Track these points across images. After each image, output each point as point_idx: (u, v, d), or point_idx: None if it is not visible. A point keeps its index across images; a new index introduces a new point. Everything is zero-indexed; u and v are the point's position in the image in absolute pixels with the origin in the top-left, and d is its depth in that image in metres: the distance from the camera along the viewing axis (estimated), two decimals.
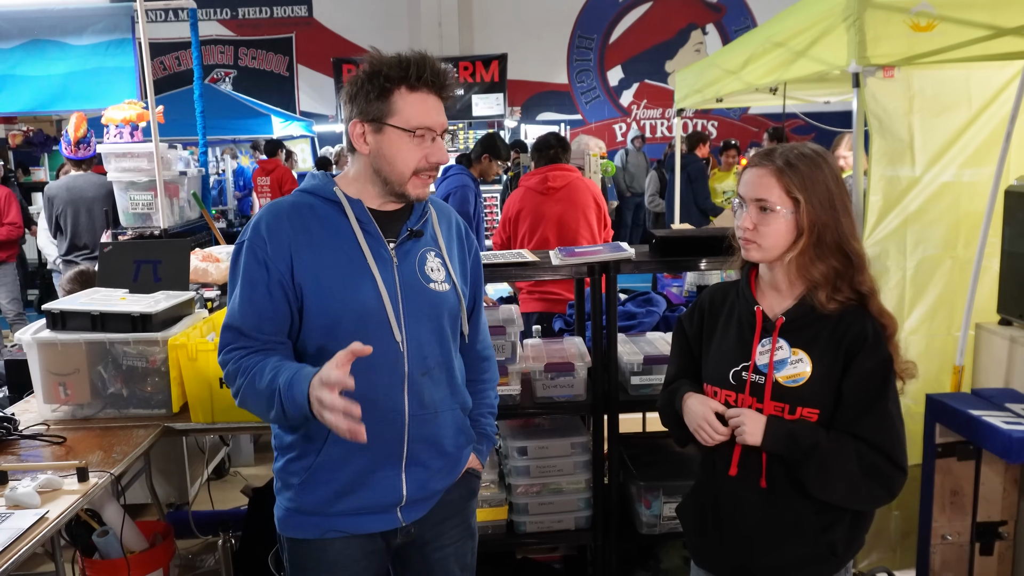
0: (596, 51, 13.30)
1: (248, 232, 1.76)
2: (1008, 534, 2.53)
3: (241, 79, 13.37)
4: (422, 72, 1.69)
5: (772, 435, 1.70)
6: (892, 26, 2.68)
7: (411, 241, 1.80)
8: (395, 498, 1.80)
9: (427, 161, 1.74)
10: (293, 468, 1.80)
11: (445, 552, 1.93)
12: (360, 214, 1.76)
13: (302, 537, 1.82)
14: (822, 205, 1.68)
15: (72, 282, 3.47)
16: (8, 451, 2.38)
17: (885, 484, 1.69)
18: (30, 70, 5.35)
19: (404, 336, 1.75)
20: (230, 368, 1.73)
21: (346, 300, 1.71)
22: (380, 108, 1.70)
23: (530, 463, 2.77)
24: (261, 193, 9.39)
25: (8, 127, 9.98)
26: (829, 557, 1.76)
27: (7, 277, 6.63)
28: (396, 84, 1.69)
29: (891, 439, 1.68)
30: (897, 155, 2.93)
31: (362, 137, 1.73)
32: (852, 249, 1.70)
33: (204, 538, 3.55)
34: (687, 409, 1.84)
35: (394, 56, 1.71)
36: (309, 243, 1.72)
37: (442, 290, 1.82)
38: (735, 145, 9.02)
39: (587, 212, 4.36)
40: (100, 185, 5.34)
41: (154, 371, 2.62)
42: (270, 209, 1.78)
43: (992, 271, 2.95)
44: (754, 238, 1.73)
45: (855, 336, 1.69)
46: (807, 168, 1.69)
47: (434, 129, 1.73)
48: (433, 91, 1.72)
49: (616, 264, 2.67)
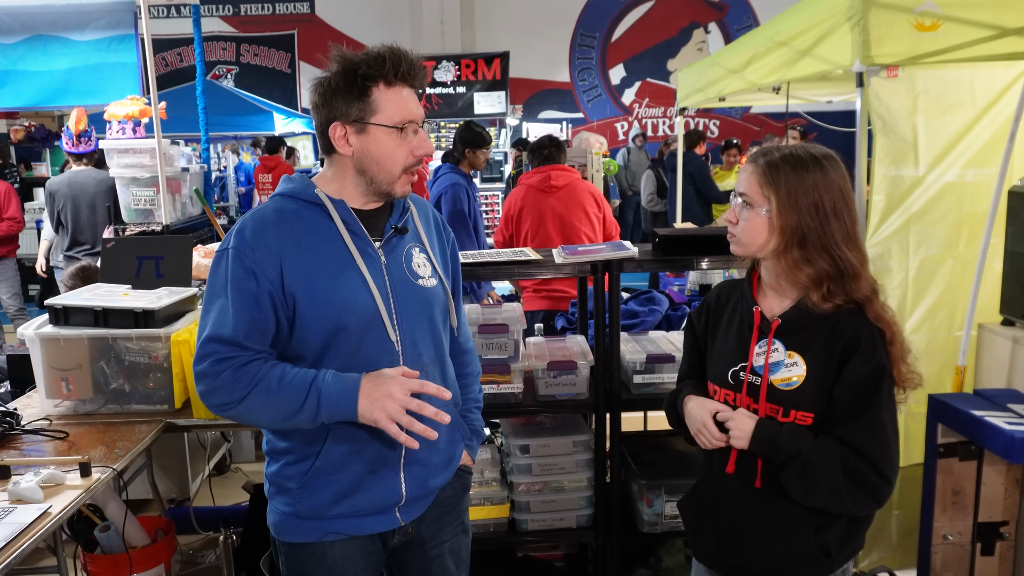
0: (598, 49, 13.29)
1: (232, 240, 1.70)
2: (1009, 534, 2.53)
3: (243, 76, 13.36)
4: (399, 66, 1.67)
5: (756, 439, 1.72)
6: (896, 26, 2.68)
7: (396, 238, 1.79)
8: (395, 498, 1.79)
9: (414, 155, 1.72)
10: (289, 472, 1.77)
11: (441, 549, 1.93)
12: (344, 215, 1.73)
13: (300, 541, 1.80)
14: (802, 208, 1.66)
15: (74, 278, 3.47)
16: (11, 446, 2.38)
17: (869, 492, 1.67)
18: (32, 65, 5.36)
19: (398, 335, 1.74)
20: (225, 377, 1.63)
21: (340, 304, 1.69)
22: (361, 108, 1.67)
23: (532, 461, 2.77)
24: (262, 190, 9.39)
25: (10, 122, 9.98)
26: (822, 558, 1.75)
27: (8, 272, 6.63)
28: (374, 81, 1.66)
29: (879, 448, 1.66)
30: (900, 155, 2.93)
31: (344, 139, 1.70)
32: (841, 256, 1.67)
33: (205, 534, 3.56)
34: (687, 413, 1.86)
35: (363, 53, 1.68)
36: (297, 249, 1.69)
37: (430, 285, 1.82)
38: (736, 144, 9.01)
39: (588, 211, 4.38)
40: (101, 181, 5.34)
41: (156, 367, 2.63)
42: (254, 217, 1.73)
43: (995, 271, 2.95)
44: (733, 231, 1.77)
45: (849, 341, 1.68)
46: (790, 170, 1.68)
47: (417, 121, 1.72)
48: (408, 84, 1.71)
49: (619, 263, 2.67)
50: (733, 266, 3.01)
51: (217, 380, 1.64)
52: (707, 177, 8.11)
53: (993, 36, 2.64)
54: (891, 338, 1.70)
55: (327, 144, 1.73)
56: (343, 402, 1.62)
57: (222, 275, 1.68)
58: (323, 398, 1.62)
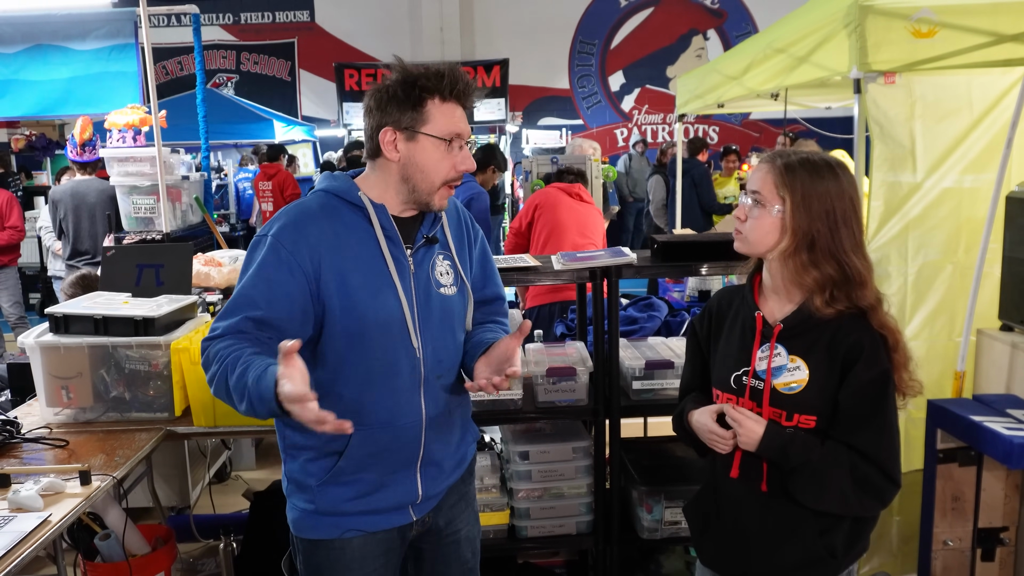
0: (597, 56, 13.31)
1: (273, 227, 1.73)
2: (1009, 540, 2.53)
3: (243, 84, 13.37)
4: (455, 84, 1.73)
5: (766, 445, 1.72)
6: (893, 32, 2.69)
7: (425, 247, 1.83)
8: (411, 497, 1.84)
9: (456, 170, 1.76)
10: (311, 469, 1.80)
11: (457, 537, 1.98)
12: (384, 220, 1.77)
13: (320, 538, 1.82)
14: (814, 212, 1.68)
15: (73, 286, 3.48)
16: (11, 454, 2.38)
17: (876, 495, 1.71)
18: (33, 75, 5.37)
19: (420, 343, 1.78)
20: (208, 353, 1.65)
21: (371, 308, 1.72)
22: (414, 117, 1.72)
23: (532, 468, 2.77)
24: (262, 197, 9.40)
25: (11, 131, 10.00)
26: (828, 560, 1.76)
27: (9, 280, 6.63)
28: (431, 94, 1.71)
29: (886, 452, 1.69)
30: (898, 161, 2.94)
31: (393, 144, 1.74)
32: (848, 263, 1.68)
33: (205, 542, 3.55)
34: (695, 426, 1.87)
35: (423, 66, 1.73)
36: (335, 247, 1.72)
37: (451, 294, 1.85)
38: (735, 150, 9.02)
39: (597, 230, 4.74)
40: (102, 190, 5.35)
41: (156, 375, 2.63)
42: (299, 207, 1.77)
43: (993, 277, 2.95)
44: (741, 228, 1.77)
45: (852, 346, 1.70)
46: (806, 173, 1.69)
47: (463, 136, 1.77)
48: (461, 103, 1.76)
49: (618, 269, 2.67)
50: (732, 272, 3.01)
51: (203, 356, 1.68)
52: (710, 186, 8.09)
53: (989, 42, 2.65)
54: (894, 345, 1.72)
55: (375, 148, 1.76)
56: (266, 394, 1.52)
57: (254, 259, 1.72)
58: (252, 398, 1.54)
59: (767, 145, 12.08)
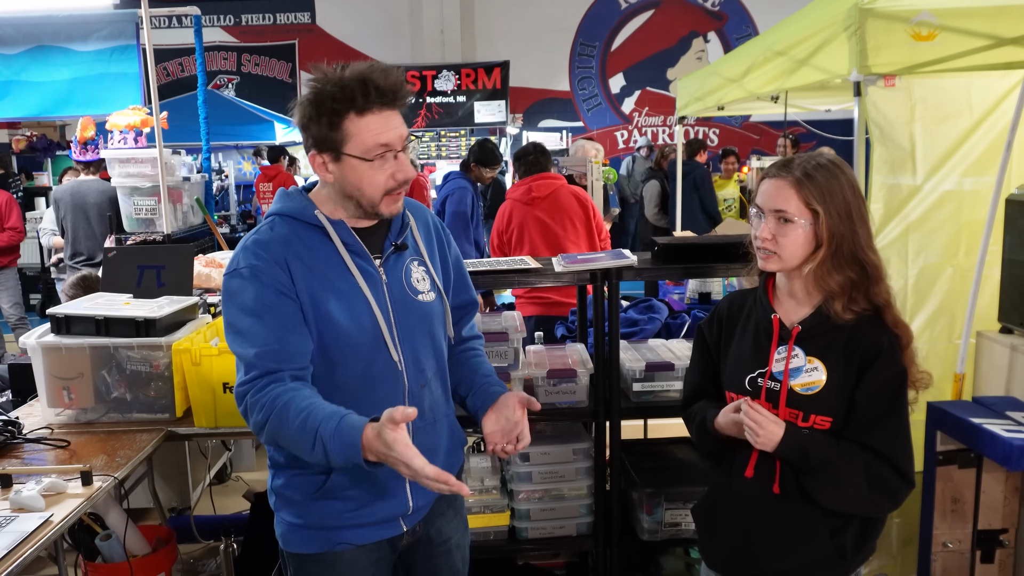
0: (598, 59, 13.31)
1: (241, 260, 1.68)
2: (1009, 542, 2.53)
3: (244, 85, 13.37)
4: (367, 93, 1.60)
5: (786, 445, 1.72)
6: (893, 35, 2.69)
7: (395, 255, 1.79)
8: (402, 509, 1.81)
9: (394, 179, 1.67)
10: (297, 484, 1.77)
11: (449, 546, 1.95)
12: (344, 235, 1.72)
13: (309, 552, 1.80)
14: (840, 216, 1.70)
15: (75, 287, 3.48)
16: (12, 455, 2.39)
17: (890, 495, 1.73)
18: (35, 76, 5.38)
19: (400, 354, 1.75)
20: (248, 402, 1.64)
21: (344, 326, 1.69)
22: (333, 137, 1.63)
23: (532, 469, 2.77)
24: (263, 199, 9.40)
25: (12, 132, 10.01)
26: (839, 560, 1.78)
27: (9, 281, 6.64)
28: (344, 110, 1.61)
29: (901, 451, 1.72)
30: (898, 163, 2.94)
31: (324, 167, 1.68)
32: (868, 260, 1.71)
33: (206, 543, 3.56)
34: (722, 427, 1.84)
35: (335, 78, 1.61)
36: (303, 270, 1.68)
37: (429, 300, 1.82)
38: (734, 152, 9.02)
39: (573, 219, 4.38)
40: (102, 191, 5.35)
41: (157, 376, 2.63)
42: (257, 239, 1.71)
43: (993, 279, 2.96)
44: (773, 248, 1.75)
45: (869, 347, 1.72)
46: (825, 179, 1.70)
47: (393, 146, 1.65)
48: (384, 106, 1.64)
49: (618, 271, 2.68)
50: (732, 274, 3.02)
51: (242, 403, 1.65)
52: (710, 190, 8.08)
53: (989, 45, 2.65)
54: (907, 342, 1.75)
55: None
56: (350, 453, 1.55)
57: (243, 296, 1.66)
58: (329, 452, 1.56)
59: (767, 148, 12.09)
